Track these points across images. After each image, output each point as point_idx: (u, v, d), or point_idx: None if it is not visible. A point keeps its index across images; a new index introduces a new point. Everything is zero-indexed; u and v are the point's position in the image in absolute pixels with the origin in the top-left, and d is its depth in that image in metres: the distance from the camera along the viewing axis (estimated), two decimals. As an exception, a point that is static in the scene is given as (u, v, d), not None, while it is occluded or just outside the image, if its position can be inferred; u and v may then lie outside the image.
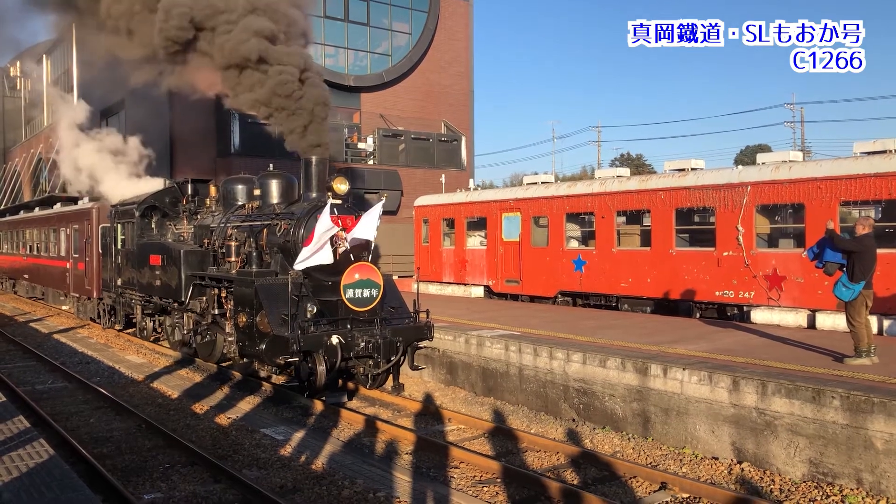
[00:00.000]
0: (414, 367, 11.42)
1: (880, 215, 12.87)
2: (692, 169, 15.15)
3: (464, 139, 33.51)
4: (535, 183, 19.16)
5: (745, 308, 13.73)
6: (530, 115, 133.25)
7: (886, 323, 11.64)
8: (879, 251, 9.34)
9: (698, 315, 14.68)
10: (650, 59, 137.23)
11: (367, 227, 10.75)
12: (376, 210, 10.86)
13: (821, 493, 7.24)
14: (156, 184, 18.37)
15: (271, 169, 13.57)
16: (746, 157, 47.97)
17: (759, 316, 13.31)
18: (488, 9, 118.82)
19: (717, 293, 14.13)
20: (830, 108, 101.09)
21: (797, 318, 12.79)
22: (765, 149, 43.06)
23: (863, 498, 7.07)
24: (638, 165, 55.18)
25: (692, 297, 14.58)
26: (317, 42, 30.94)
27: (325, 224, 10.29)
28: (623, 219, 16.50)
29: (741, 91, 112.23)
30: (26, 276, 28.32)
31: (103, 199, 19.13)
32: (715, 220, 14.20)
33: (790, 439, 7.76)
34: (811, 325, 12.57)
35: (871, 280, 8.99)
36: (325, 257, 10.48)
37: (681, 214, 15.01)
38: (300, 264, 10.51)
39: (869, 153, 12.43)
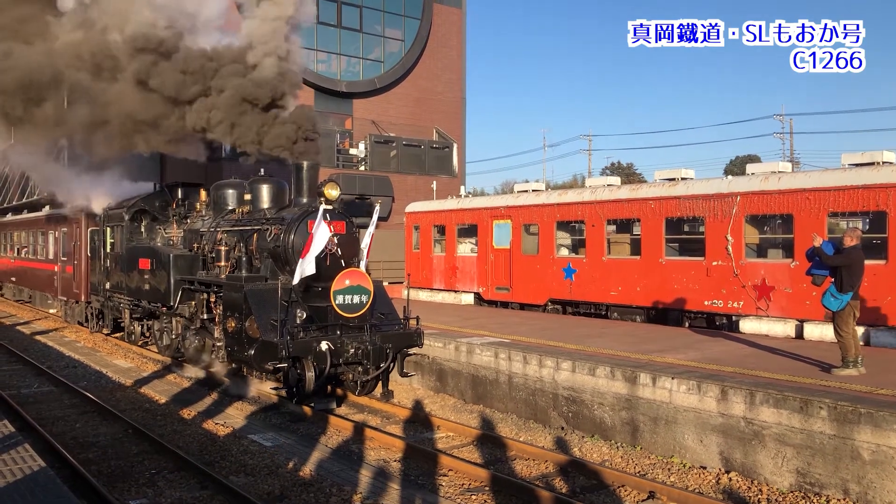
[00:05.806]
0: (403, 374, 11.38)
1: (868, 226, 12.96)
2: (682, 178, 15.22)
3: (455, 146, 33.54)
4: (526, 191, 19.20)
5: (733, 318, 13.78)
6: (521, 123, 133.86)
7: (873, 333, 11.72)
8: (867, 262, 9.41)
9: (687, 324, 14.73)
10: (640, 70, 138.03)
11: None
12: (372, 218, 10.99)
13: (808, 504, 7.27)
14: (145, 188, 18.27)
15: (262, 174, 13.56)
16: (736, 167, 48.27)
17: (747, 326, 13.36)
18: (481, 16, 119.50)
19: (706, 303, 14.18)
20: (819, 120, 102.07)
21: (785, 329, 12.85)
22: (754, 159, 43.34)
23: (849, 508, 7.11)
24: (628, 174, 55.41)
25: (682, 306, 14.62)
26: (309, 48, 30.94)
27: (322, 232, 10.31)
28: (613, 227, 16.55)
29: (731, 101, 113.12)
30: (13, 278, 28.10)
31: (91, 203, 18.98)
32: (704, 229, 14.26)
33: (778, 449, 7.79)
34: (799, 335, 12.63)
35: (859, 291, 9.06)
36: (310, 268, 10.40)
37: (671, 224, 15.07)
38: (297, 277, 10.46)
39: (857, 165, 12.54)
